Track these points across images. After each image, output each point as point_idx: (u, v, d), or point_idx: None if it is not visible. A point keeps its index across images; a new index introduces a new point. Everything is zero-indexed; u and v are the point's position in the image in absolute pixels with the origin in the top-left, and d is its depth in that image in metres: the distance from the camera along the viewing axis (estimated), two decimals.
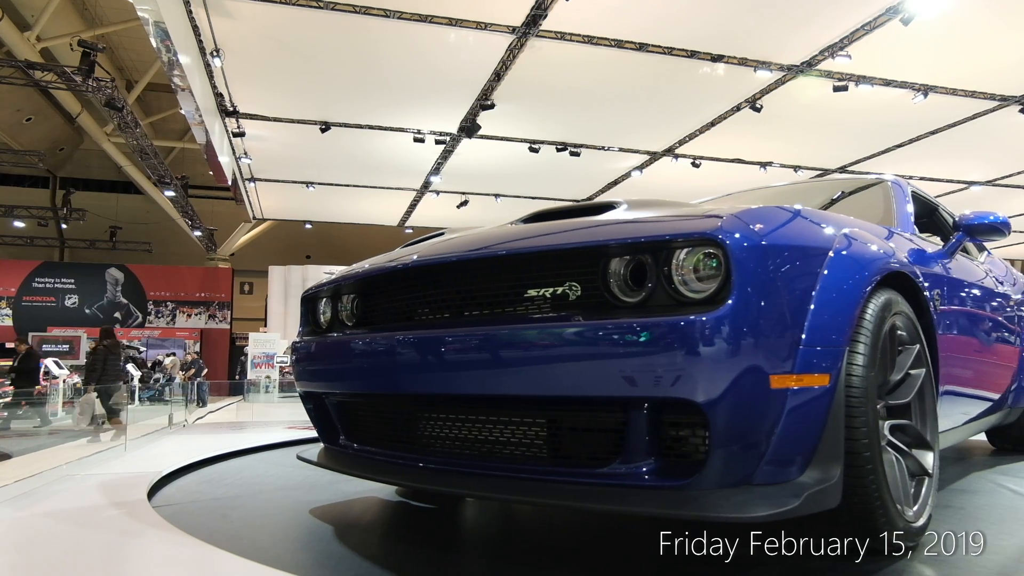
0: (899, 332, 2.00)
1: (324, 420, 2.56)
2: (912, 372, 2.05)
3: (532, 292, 1.81)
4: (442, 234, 2.52)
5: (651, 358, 1.53)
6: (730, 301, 1.52)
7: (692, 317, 1.52)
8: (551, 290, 1.78)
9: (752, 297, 1.54)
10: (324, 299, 2.60)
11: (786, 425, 1.56)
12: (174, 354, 19.85)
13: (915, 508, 1.93)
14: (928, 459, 2.05)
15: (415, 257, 2.13)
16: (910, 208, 2.95)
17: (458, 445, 2.00)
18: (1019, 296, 3.67)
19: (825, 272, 1.72)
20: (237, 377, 19.18)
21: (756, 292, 1.55)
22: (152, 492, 3.12)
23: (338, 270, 2.71)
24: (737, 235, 1.59)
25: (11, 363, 11.15)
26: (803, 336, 1.60)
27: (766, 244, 1.62)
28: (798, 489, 1.56)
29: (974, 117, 11.05)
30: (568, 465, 1.77)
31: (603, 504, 1.64)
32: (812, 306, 1.64)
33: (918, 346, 2.08)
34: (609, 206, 2.07)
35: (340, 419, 2.50)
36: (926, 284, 2.27)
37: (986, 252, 3.63)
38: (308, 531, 2.40)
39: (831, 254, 1.77)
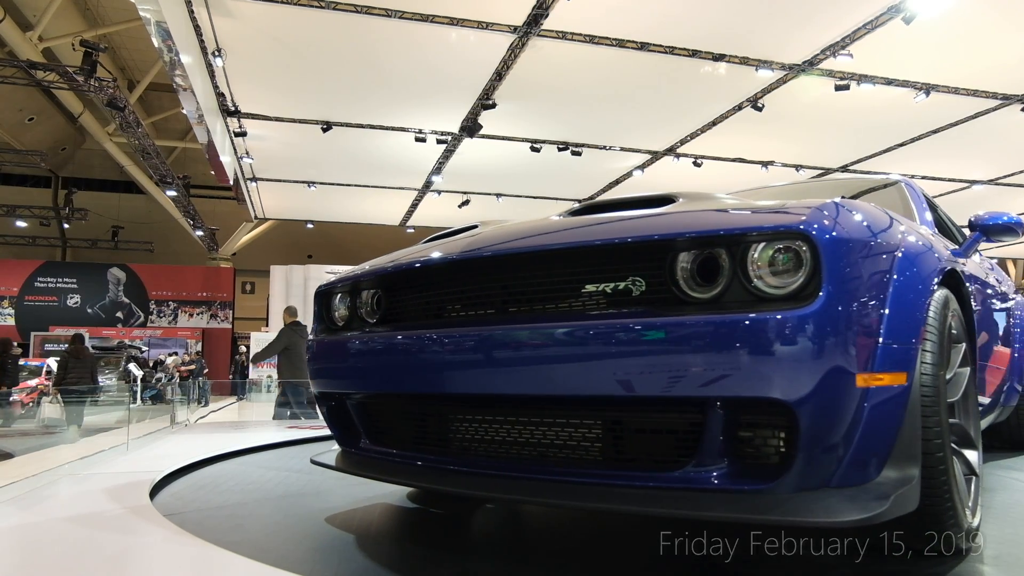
0: (953, 330, 1.98)
1: (343, 422, 2.43)
2: (959, 370, 2.03)
3: (590, 287, 1.74)
4: (475, 227, 2.40)
5: (740, 356, 1.48)
6: (822, 296, 1.48)
7: (790, 313, 1.47)
8: (612, 285, 1.71)
9: (841, 293, 1.50)
10: (341, 295, 2.46)
11: (867, 425, 1.53)
12: (176, 353, 19.89)
13: (969, 507, 1.91)
14: (974, 458, 2.03)
15: (460, 250, 2.01)
16: (928, 209, 2.96)
17: (504, 449, 1.91)
18: (1010, 295, 3.70)
19: (898, 268, 1.69)
20: (232, 376, 19.17)
21: (844, 288, 1.51)
22: (154, 492, 3.12)
23: (343, 269, 2.65)
24: (825, 229, 1.53)
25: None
26: (882, 333, 1.56)
27: (850, 238, 1.58)
28: (883, 491, 1.52)
29: (976, 116, 11.03)
30: (632, 468, 1.70)
31: (676, 509, 1.58)
32: (888, 302, 1.61)
33: (964, 344, 2.07)
34: (668, 199, 2.01)
35: (364, 421, 2.37)
36: (967, 282, 2.26)
37: (978, 252, 3.65)
38: (332, 540, 2.29)
39: (901, 251, 1.74)
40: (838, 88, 9.65)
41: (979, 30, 8.52)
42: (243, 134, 11.58)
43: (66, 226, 23.18)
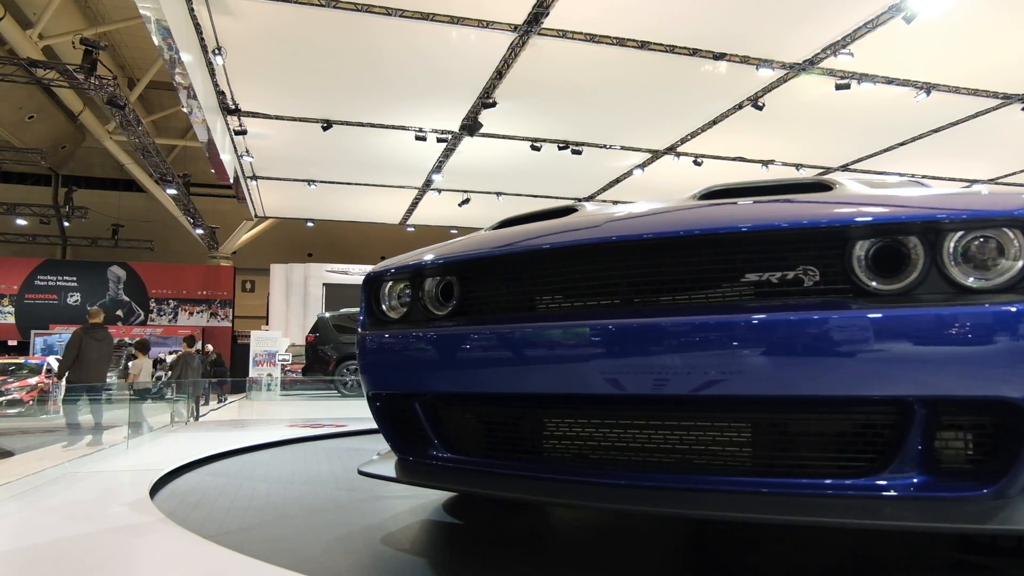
0: None
1: (406, 427, 2.14)
2: None
3: (752, 276, 1.58)
4: (574, 210, 2.16)
5: (963, 352, 1.38)
6: None
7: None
8: (779, 274, 1.56)
9: None
10: (394, 282, 2.20)
11: None
12: (177, 352, 19.88)
13: None
14: None
15: (586, 234, 1.79)
16: None
17: (642, 456, 1.71)
18: None
19: None
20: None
21: None
22: (155, 490, 3.12)
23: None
24: None
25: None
26: None
27: None
28: None
29: (976, 115, 11.03)
30: (805, 475, 1.54)
31: (871, 520, 1.44)
32: None
33: None
34: (824, 185, 1.87)
35: (440, 426, 2.08)
36: None
37: None
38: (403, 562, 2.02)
39: None
40: (839, 87, 9.65)
41: (980, 29, 8.51)
42: (243, 132, 11.58)
43: (66, 224, 23.16)
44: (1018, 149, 12.73)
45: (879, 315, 1.43)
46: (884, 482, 1.47)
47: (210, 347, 17.50)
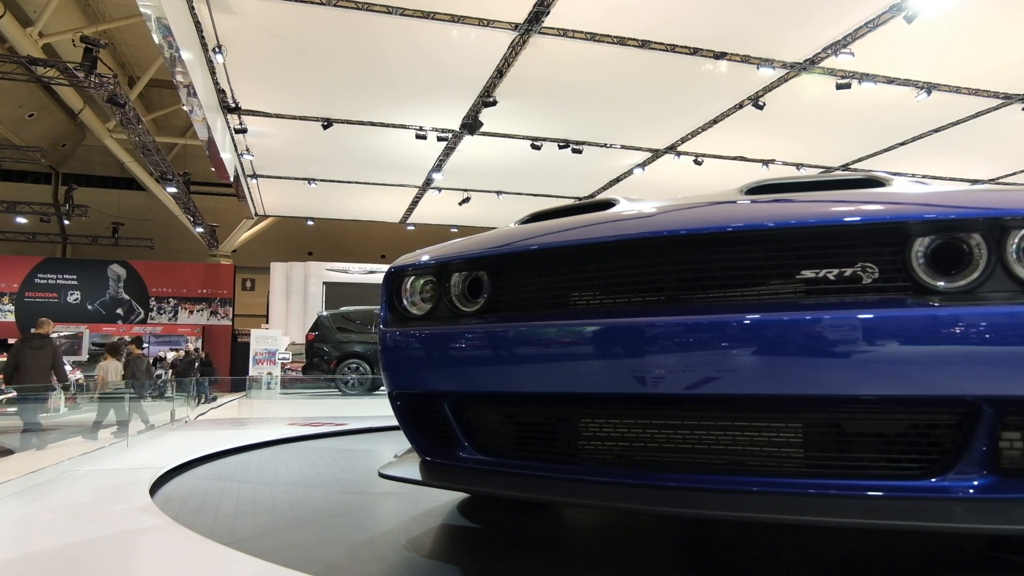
0: None
1: (432, 428, 2.07)
2: None
3: (808, 273, 1.54)
4: (611, 204, 2.09)
5: None
6: None
7: None
8: (836, 271, 1.52)
9: None
10: (416, 277, 2.12)
11: None
12: (178, 350, 19.89)
13: None
14: None
15: (635, 228, 1.73)
16: None
17: (692, 456, 1.67)
18: None
19: None
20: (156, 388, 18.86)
21: None
22: (155, 488, 3.12)
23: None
24: None
25: None
26: None
27: None
28: None
29: (977, 115, 11.03)
30: (870, 477, 1.51)
31: (931, 522, 1.42)
32: None
33: None
34: (877, 180, 1.83)
35: (469, 427, 2.00)
36: None
37: None
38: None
39: None
40: (839, 87, 9.65)
41: (981, 29, 8.51)
42: (243, 131, 11.58)
43: (66, 222, 23.14)
44: (1018, 149, 12.73)
45: (947, 313, 1.41)
46: (949, 483, 1.44)
47: (192, 347, 17.50)
